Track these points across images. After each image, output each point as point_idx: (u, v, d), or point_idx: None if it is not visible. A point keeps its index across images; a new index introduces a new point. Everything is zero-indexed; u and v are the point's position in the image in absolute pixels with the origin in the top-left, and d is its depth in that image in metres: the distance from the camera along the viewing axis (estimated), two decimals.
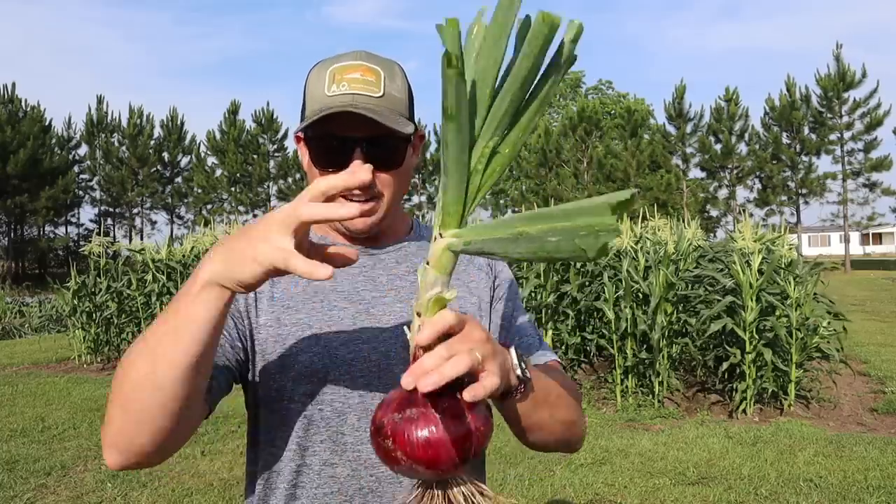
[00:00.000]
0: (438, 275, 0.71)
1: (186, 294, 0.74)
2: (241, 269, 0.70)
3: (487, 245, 0.67)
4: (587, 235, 0.59)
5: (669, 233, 7.04)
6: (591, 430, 5.20)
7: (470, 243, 0.68)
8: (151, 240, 22.62)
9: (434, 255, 0.71)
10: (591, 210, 0.61)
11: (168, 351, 0.74)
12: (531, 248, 0.63)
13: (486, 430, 0.72)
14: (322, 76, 0.96)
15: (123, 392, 0.79)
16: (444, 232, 0.71)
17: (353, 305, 1.00)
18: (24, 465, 4.56)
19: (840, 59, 30.50)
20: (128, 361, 0.78)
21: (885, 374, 6.95)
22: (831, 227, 52.22)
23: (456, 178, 0.69)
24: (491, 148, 0.70)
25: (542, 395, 0.87)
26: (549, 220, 0.64)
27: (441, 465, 0.69)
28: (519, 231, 0.65)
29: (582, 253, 0.58)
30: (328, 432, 0.95)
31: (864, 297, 16.42)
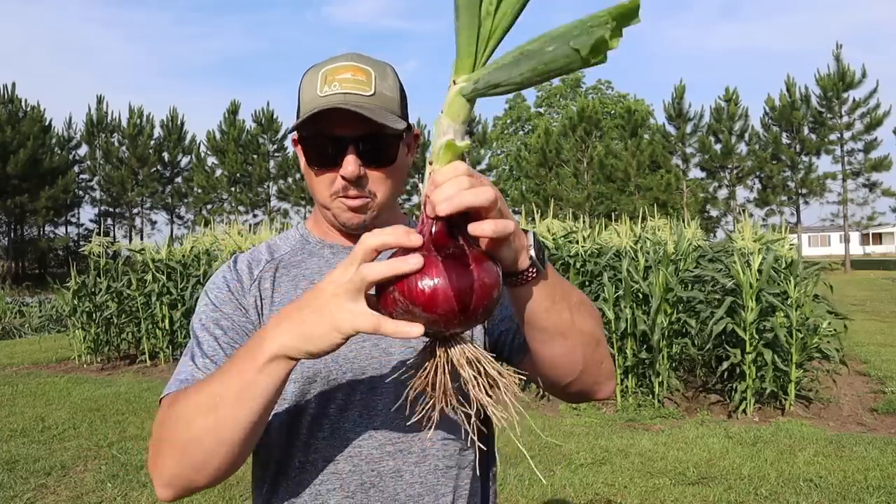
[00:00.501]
0: (451, 122, 0.69)
1: (251, 360, 0.76)
2: (318, 341, 0.72)
3: (492, 76, 0.66)
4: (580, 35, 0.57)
5: (669, 233, 7.04)
6: (591, 430, 5.20)
7: (478, 80, 0.67)
8: (151, 240, 22.65)
9: (447, 101, 0.70)
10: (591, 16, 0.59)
11: (230, 414, 0.78)
12: (531, 65, 0.62)
13: (491, 283, 0.69)
14: (314, 78, 0.97)
15: (181, 441, 0.82)
16: (456, 78, 0.69)
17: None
18: (24, 465, 4.56)
19: (840, 59, 30.51)
20: (184, 411, 0.82)
21: (885, 374, 6.95)
22: (831, 227, 52.23)
23: (467, 20, 0.67)
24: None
25: (562, 291, 0.85)
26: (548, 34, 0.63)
27: (439, 309, 0.66)
28: (520, 52, 0.64)
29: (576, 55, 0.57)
30: (330, 429, 0.96)
31: (864, 297, 16.42)
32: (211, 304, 1.00)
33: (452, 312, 0.67)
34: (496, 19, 0.68)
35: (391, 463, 0.96)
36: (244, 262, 1.05)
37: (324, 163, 0.96)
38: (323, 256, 1.05)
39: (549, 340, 0.86)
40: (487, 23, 0.68)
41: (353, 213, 0.99)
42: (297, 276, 1.03)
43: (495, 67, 0.66)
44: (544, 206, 10.53)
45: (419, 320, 0.67)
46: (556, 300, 0.83)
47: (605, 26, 0.56)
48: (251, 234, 9.72)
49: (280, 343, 0.74)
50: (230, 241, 8.87)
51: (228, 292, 1.01)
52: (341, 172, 0.95)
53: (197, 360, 0.94)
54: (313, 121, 0.93)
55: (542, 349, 0.88)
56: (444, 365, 0.70)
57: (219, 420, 0.78)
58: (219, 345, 0.96)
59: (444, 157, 0.69)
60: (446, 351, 0.70)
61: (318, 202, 1.02)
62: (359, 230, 1.01)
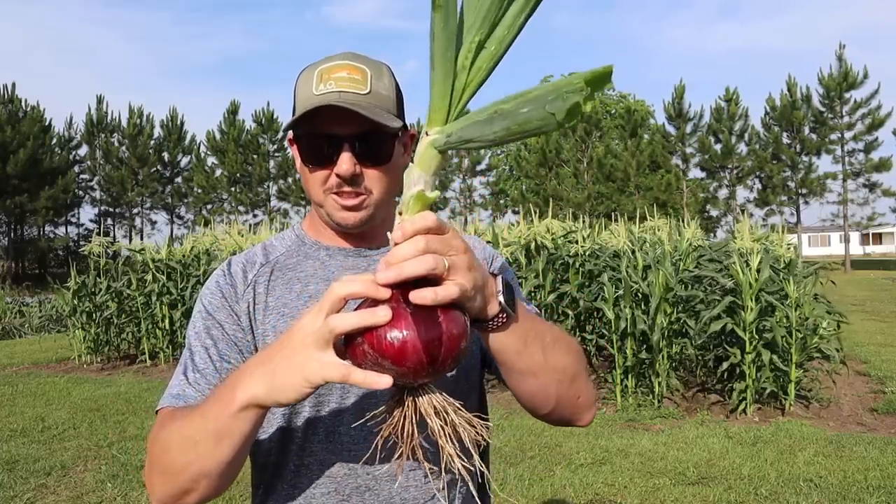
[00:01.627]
0: (421, 172, 0.69)
1: (226, 405, 0.78)
2: (287, 392, 0.74)
3: (466, 132, 0.66)
4: (555, 99, 0.58)
5: (668, 233, 7.04)
6: (591, 430, 5.20)
7: (451, 134, 0.67)
8: (151, 240, 22.65)
9: (418, 152, 0.70)
10: (565, 80, 0.60)
11: (209, 451, 0.81)
12: (504, 125, 0.62)
13: (459, 335, 0.70)
14: (310, 77, 0.97)
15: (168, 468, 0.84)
16: (429, 129, 0.70)
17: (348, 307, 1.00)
18: (24, 465, 4.56)
19: (843, 59, 30.48)
20: (170, 441, 0.84)
21: (885, 374, 6.95)
22: (831, 227, 52.22)
23: (442, 73, 0.68)
24: (477, 43, 0.68)
25: (534, 333, 0.86)
26: (523, 94, 0.63)
27: (408, 362, 0.67)
28: (494, 110, 0.64)
29: (551, 118, 0.58)
30: (325, 432, 0.96)
31: (864, 297, 16.41)
32: (204, 310, 1.00)
33: (421, 365, 0.67)
34: (471, 73, 0.69)
35: (386, 466, 0.95)
36: (238, 264, 1.05)
37: (319, 160, 0.96)
38: (318, 258, 1.05)
39: (521, 380, 0.89)
40: (462, 76, 0.68)
41: (348, 212, 0.98)
42: (292, 278, 1.03)
43: (469, 123, 0.67)
44: (544, 206, 10.53)
45: (388, 372, 0.68)
46: (529, 342, 0.85)
47: (580, 93, 0.57)
48: (251, 234, 9.73)
49: (251, 393, 0.76)
50: (230, 241, 8.87)
51: (222, 298, 1.01)
52: (336, 170, 0.94)
53: (189, 374, 0.95)
54: (308, 118, 0.93)
55: (515, 386, 0.91)
56: (412, 415, 0.71)
57: (199, 455, 0.81)
58: (209, 357, 0.96)
59: (414, 208, 0.69)
60: (414, 400, 0.71)
61: (312, 200, 1.02)
62: (354, 229, 1.01)
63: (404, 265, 0.67)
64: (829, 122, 31.15)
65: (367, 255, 1.05)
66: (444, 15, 0.65)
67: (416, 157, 0.70)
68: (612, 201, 32.74)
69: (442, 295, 0.68)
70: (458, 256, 0.71)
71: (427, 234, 0.69)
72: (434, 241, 0.69)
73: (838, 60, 30.59)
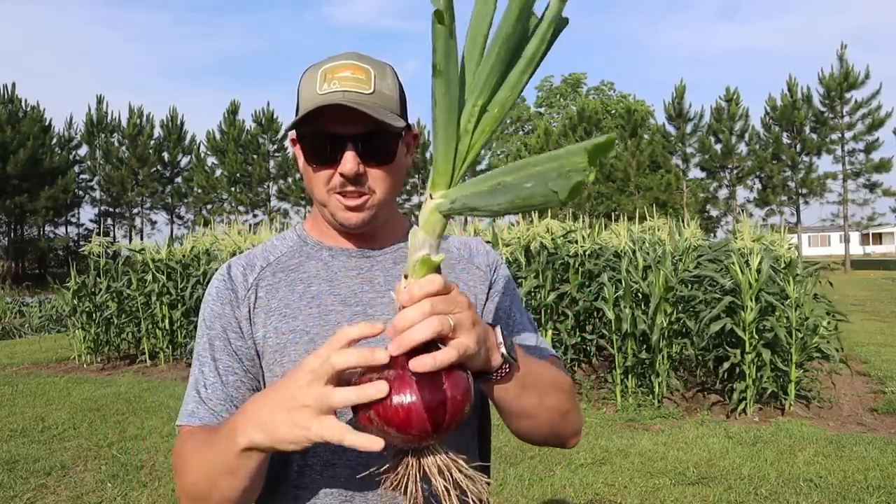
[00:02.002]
0: (426, 236, 0.70)
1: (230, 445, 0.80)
2: (287, 445, 0.76)
3: (470, 200, 0.67)
4: (558, 178, 0.59)
5: (668, 232, 7.04)
6: (591, 430, 5.20)
7: (455, 201, 0.68)
8: (151, 240, 22.63)
9: (423, 216, 0.71)
10: (567, 153, 0.61)
11: (224, 483, 0.84)
12: (508, 198, 0.63)
13: (463, 399, 0.71)
14: (314, 77, 0.97)
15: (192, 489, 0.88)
16: (433, 193, 0.70)
17: (350, 308, 1.00)
18: (24, 465, 4.56)
19: (844, 59, 30.47)
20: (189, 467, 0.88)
21: (885, 374, 6.95)
22: (831, 227, 52.22)
23: (445, 138, 0.68)
24: (480, 106, 0.69)
25: (532, 380, 0.87)
26: (525, 168, 0.64)
27: (413, 430, 0.68)
28: (498, 182, 0.65)
29: (554, 196, 0.58)
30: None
31: (864, 297, 16.41)
32: (207, 320, 1.01)
33: (425, 432, 0.69)
34: (474, 137, 0.69)
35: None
36: (238, 268, 1.04)
37: (322, 160, 0.96)
38: (321, 259, 1.04)
39: (517, 420, 0.92)
40: (466, 139, 0.69)
41: (351, 212, 0.98)
42: (295, 279, 1.02)
43: (473, 192, 0.67)
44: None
45: (394, 439, 0.70)
46: (527, 387, 0.87)
47: (583, 172, 0.58)
48: (251, 234, 9.72)
49: (250, 439, 0.78)
50: (230, 241, 8.87)
51: (222, 305, 1.01)
52: (340, 170, 0.94)
53: (200, 390, 0.98)
54: (312, 118, 0.93)
55: (510, 424, 0.94)
56: (415, 474, 0.72)
57: (217, 483, 0.84)
58: (217, 371, 0.98)
59: (420, 272, 0.71)
60: (419, 460, 0.72)
61: (315, 200, 1.01)
62: (357, 229, 1.00)
63: (411, 333, 0.69)
64: (829, 122, 31.14)
65: (371, 255, 1.05)
66: (446, 81, 0.65)
67: (422, 222, 0.71)
68: (612, 201, 32.75)
69: (441, 359, 0.69)
70: (462, 314, 0.73)
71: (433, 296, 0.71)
72: (439, 302, 0.71)
73: (839, 60, 30.60)
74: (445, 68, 0.64)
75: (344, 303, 1.00)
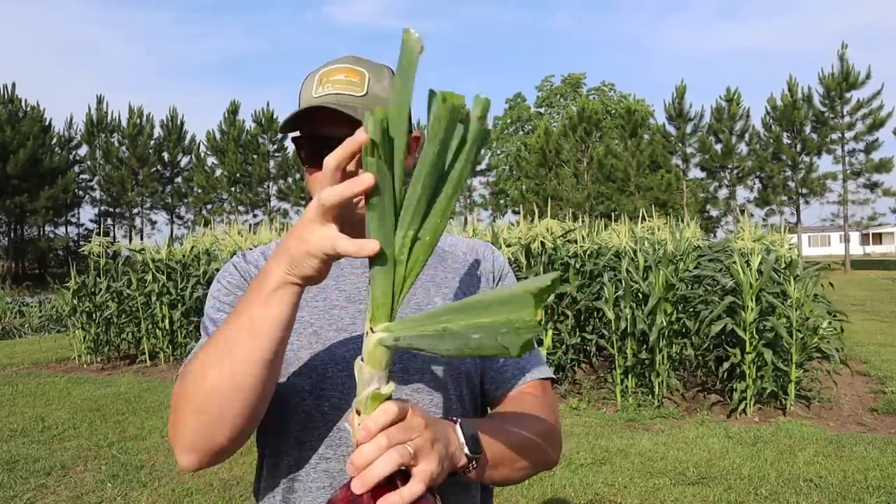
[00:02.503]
0: (374, 371, 0.70)
1: (259, 294, 0.78)
2: (302, 266, 0.75)
3: (416, 341, 0.67)
4: (508, 333, 0.59)
5: (669, 233, 7.04)
6: (591, 430, 5.20)
7: (399, 339, 0.68)
8: (151, 240, 22.63)
9: (367, 350, 0.70)
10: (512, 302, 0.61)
11: (245, 350, 0.78)
12: (456, 345, 0.63)
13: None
14: (311, 81, 1.00)
15: (199, 396, 0.81)
16: (374, 327, 0.70)
17: (353, 305, 1.02)
18: (24, 465, 4.56)
19: (844, 59, 30.46)
20: (198, 366, 0.82)
21: (885, 374, 6.95)
22: (831, 227, 52.23)
23: (381, 271, 0.69)
24: (411, 237, 0.69)
25: (500, 458, 0.88)
26: (472, 315, 0.64)
27: None
28: (444, 327, 0.65)
29: (504, 351, 0.58)
30: (325, 428, 0.97)
31: (864, 297, 16.41)
32: (224, 288, 1.02)
33: None
34: (408, 266, 0.70)
35: None
36: (253, 254, 1.08)
37: (317, 162, 0.97)
38: None
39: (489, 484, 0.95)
40: (401, 269, 0.70)
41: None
42: None
43: (419, 334, 0.67)
44: (544, 206, 10.53)
45: None
46: (496, 465, 0.88)
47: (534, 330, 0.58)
48: (251, 234, 9.72)
49: (279, 271, 0.77)
50: (230, 241, 8.87)
51: (240, 278, 1.03)
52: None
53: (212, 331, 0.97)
54: (306, 120, 0.95)
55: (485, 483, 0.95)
56: None
57: (234, 363, 0.79)
58: None
59: (372, 406, 0.70)
60: None
61: None
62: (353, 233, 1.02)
63: (372, 469, 0.69)
64: (829, 122, 31.13)
65: None
66: (379, 214, 0.67)
67: (367, 356, 0.70)
68: (612, 201, 32.76)
69: (408, 496, 0.69)
70: (419, 438, 0.72)
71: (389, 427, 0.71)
72: (395, 433, 0.70)
73: (839, 60, 30.59)
74: (378, 201, 0.65)
75: (348, 299, 1.02)
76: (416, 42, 0.67)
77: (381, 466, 0.69)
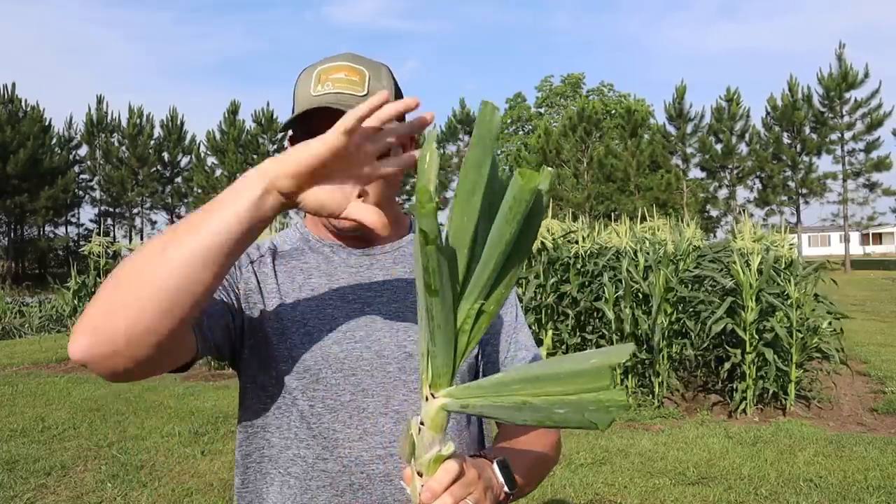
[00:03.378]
0: (435, 434, 0.71)
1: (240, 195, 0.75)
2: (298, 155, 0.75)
3: (489, 410, 0.68)
4: (597, 410, 0.62)
5: (669, 233, 7.04)
6: (591, 430, 5.20)
7: (468, 406, 0.69)
8: None
9: (429, 415, 0.71)
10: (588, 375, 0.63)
11: (182, 246, 0.72)
12: (536, 418, 0.65)
13: None
14: (309, 78, 0.97)
15: (122, 271, 0.74)
16: (436, 392, 0.71)
17: (348, 305, 1.00)
18: (24, 465, 4.56)
19: (843, 59, 30.47)
20: (130, 258, 0.76)
21: (885, 374, 6.95)
22: (831, 227, 52.22)
23: (444, 343, 0.70)
24: (477, 309, 0.70)
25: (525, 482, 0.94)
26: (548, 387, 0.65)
27: None
28: (523, 401, 0.66)
29: (592, 426, 0.62)
30: (319, 428, 0.96)
31: (864, 297, 16.42)
32: None
33: None
34: (471, 335, 0.71)
35: (381, 467, 0.95)
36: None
37: None
38: (322, 253, 1.05)
39: None
40: (463, 338, 0.71)
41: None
42: (295, 267, 1.03)
43: (492, 405, 0.68)
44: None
45: None
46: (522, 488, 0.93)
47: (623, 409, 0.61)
48: None
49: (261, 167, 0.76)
50: None
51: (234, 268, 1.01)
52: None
53: None
54: (305, 120, 0.93)
55: None
56: None
57: (174, 239, 0.73)
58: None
59: (433, 468, 0.72)
60: None
61: None
62: (350, 232, 1.02)
63: None
64: (829, 121, 31.15)
65: (371, 253, 1.05)
66: (441, 299, 0.67)
67: (428, 421, 0.71)
68: (612, 201, 32.76)
69: None
70: (476, 490, 0.77)
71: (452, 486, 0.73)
72: (458, 490, 0.74)
73: (838, 60, 30.61)
74: (440, 287, 0.66)
75: (342, 298, 1.00)
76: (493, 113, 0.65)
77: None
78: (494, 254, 0.67)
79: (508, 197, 0.64)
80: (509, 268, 0.70)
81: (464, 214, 0.67)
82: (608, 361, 0.62)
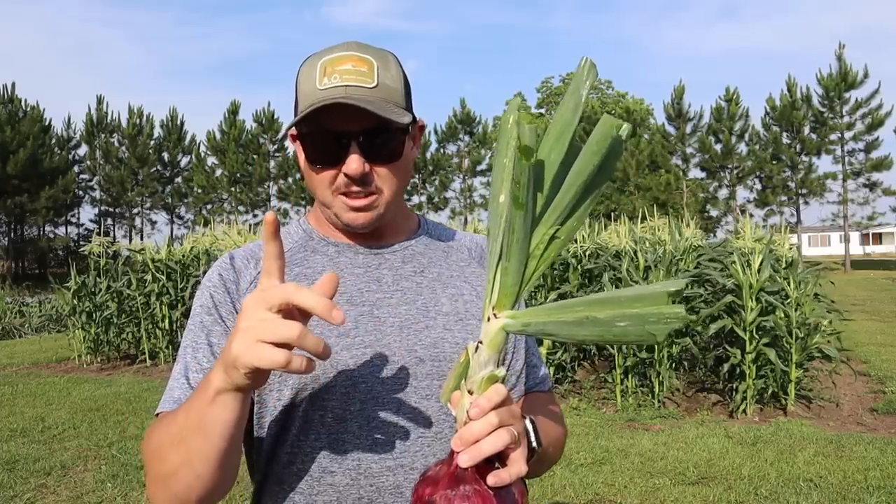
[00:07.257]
0: (491, 353, 0.72)
1: (204, 395, 0.75)
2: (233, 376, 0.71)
3: (549, 328, 0.70)
4: (657, 322, 0.65)
5: (668, 232, 7.04)
6: (591, 430, 5.20)
7: (529, 325, 0.71)
8: (151, 240, 22.58)
9: (489, 334, 0.72)
10: (649, 298, 0.66)
11: (197, 448, 0.77)
12: (596, 332, 0.67)
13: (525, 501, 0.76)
14: (313, 70, 0.91)
15: (161, 475, 0.81)
16: (498, 312, 0.72)
17: (356, 308, 0.95)
18: (24, 465, 4.56)
19: (842, 59, 30.46)
20: (159, 445, 0.82)
21: (885, 374, 6.95)
22: (831, 227, 52.22)
23: (516, 262, 0.71)
24: (551, 234, 0.73)
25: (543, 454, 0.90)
26: (616, 306, 0.68)
27: None
28: (585, 315, 0.68)
29: (651, 337, 0.65)
30: (328, 439, 0.92)
31: (864, 297, 16.41)
32: (207, 305, 0.95)
33: None
34: (540, 261, 0.73)
35: (391, 478, 0.91)
36: (242, 259, 1.00)
37: (325, 160, 0.91)
38: (327, 254, 1.00)
39: None
40: (532, 263, 0.73)
41: (358, 213, 0.93)
42: (299, 274, 0.97)
43: (556, 321, 0.70)
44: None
45: None
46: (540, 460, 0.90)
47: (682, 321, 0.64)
48: (251, 233, 9.72)
49: (217, 381, 0.74)
50: (230, 241, 8.87)
51: (225, 292, 0.96)
52: (345, 170, 0.89)
53: (192, 376, 0.91)
54: (313, 116, 0.87)
55: None
56: None
57: (190, 453, 0.77)
58: (213, 356, 0.92)
59: (485, 387, 0.73)
60: None
61: (318, 200, 0.97)
62: (363, 230, 0.96)
63: (482, 445, 0.70)
64: (828, 121, 31.14)
65: (379, 252, 1.01)
66: (524, 213, 0.69)
67: (487, 339, 0.72)
68: (611, 201, 32.76)
69: (515, 474, 0.72)
70: (518, 424, 0.75)
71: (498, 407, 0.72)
72: (504, 414, 0.72)
73: (837, 60, 30.59)
74: (526, 201, 0.68)
75: (350, 301, 0.95)
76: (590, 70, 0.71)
77: (491, 443, 0.70)
78: (577, 181, 0.71)
79: (596, 133, 0.70)
80: (585, 198, 0.73)
81: (552, 151, 0.72)
82: (667, 289, 0.65)
